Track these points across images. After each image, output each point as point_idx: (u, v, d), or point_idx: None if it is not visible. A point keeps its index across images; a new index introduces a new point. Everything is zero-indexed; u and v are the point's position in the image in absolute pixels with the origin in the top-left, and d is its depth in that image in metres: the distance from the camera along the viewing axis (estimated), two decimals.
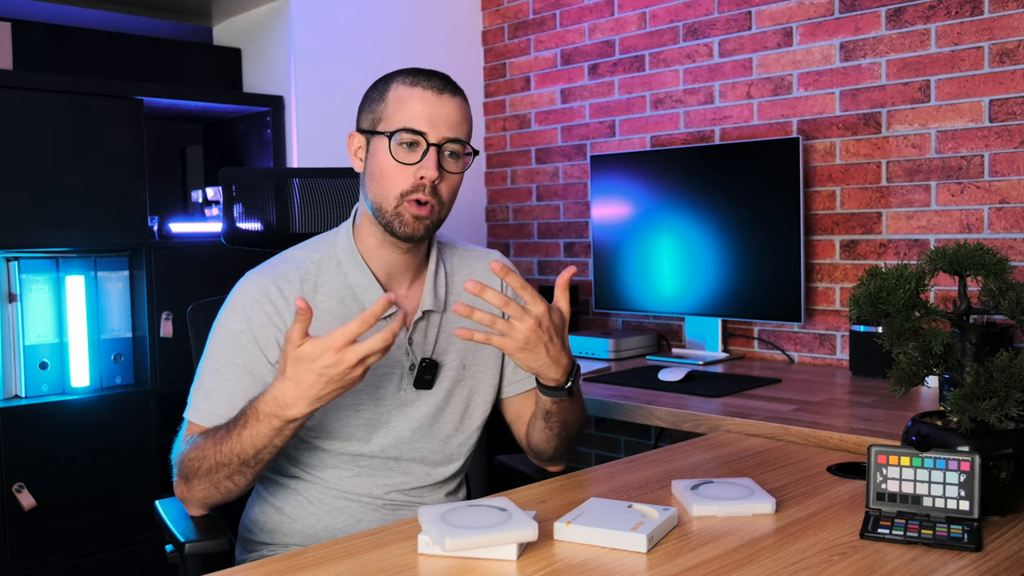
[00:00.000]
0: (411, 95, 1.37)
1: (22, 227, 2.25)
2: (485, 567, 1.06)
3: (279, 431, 1.24)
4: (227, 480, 1.30)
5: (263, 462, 1.28)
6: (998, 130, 2.11)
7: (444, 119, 1.36)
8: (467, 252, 1.58)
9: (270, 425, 1.23)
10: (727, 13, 2.58)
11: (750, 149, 2.39)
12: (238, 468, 1.28)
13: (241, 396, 1.34)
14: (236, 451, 1.26)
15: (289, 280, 1.41)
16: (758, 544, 1.12)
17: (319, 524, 1.44)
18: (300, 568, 1.09)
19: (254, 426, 1.24)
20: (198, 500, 1.35)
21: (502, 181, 3.25)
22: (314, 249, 1.47)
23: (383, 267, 1.44)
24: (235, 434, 1.26)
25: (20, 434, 2.22)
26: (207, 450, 1.29)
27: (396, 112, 1.36)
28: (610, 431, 2.90)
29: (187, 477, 1.33)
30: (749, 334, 2.59)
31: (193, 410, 1.38)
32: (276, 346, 1.37)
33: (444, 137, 1.36)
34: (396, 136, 1.35)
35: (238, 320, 1.38)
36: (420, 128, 1.35)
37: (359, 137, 1.43)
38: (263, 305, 1.38)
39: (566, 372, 1.36)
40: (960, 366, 1.24)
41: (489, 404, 1.55)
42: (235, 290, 1.42)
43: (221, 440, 1.27)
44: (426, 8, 3.10)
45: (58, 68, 2.57)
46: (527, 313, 1.27)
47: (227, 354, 1.37)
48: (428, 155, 1.35)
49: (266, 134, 2.80)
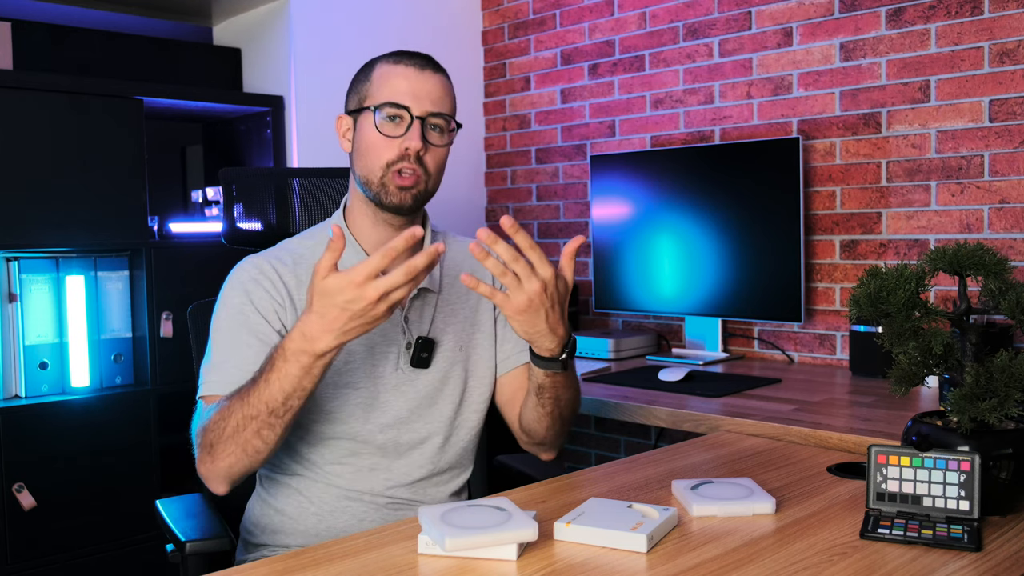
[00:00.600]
0: (394, 72, 1.41)
1: (22, 227, 2.25)
2: (485, 567, 1.06)
3: (308, 370, 1.21)
4: (255, 437, 1.25)
5: (292, 410, 1.24)
6: (998, 130, 2.11)
7: (427, 94, 1.40)
8: (460, 241, 1.62)
9: (299, 363, 1.20)
10: (727, 13, 2.58)
11: (750, 149, 2.39)
12: (266, 420, 1.23)
13: (251, 361, 1.32)
14: (265, 398, 1.22)
15: (283, 261, 1.44)
16: (758, 544, 1.12)
17: (321, 524, 1.43)
18: (300, 568, 1.09)
19: (282, 367, 1.21)
20: (223, 471, 1.29)
21: (502, 181, 3.25)
22: (307, 236, 1.51)
23: (376, 247, 1.45)
24: (262, 381, 1.23)
25: (20, 434, 2.22)
26: (232, 407, 1.25)
27: (380, 89, 1.41)
28: (610, 431, 2.90)
29: (211, 445, 1.28)
30: (749, 334, 2.59)
31: (206, 384, 1.37)
32: (277, 317, 1.40)
33: (427, 111, 1.40)
34: (380, 111, 1.39)
35: (237, 294, 1.41)
36: (403, 102, 1.39)
37: (347, 119, 1.47)
38: (260, 281, 1.41)
39: (562, 343, 1.34)
40: (960, 366, 1.24)
41: (488, 388, 1.55)
42: (232, 273, 1.45)
43: (247, 392, 1.24)
44: (426, 8, 3.10)
45: (58, 68, 2.57)
46: (534, 275, 1.25)
47: (231, 326, 1.39)
48: (412, 128, 1.39)
49: (266, 134, 2.80)
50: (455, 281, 1.54)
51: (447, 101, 1.43)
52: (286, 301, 1.41)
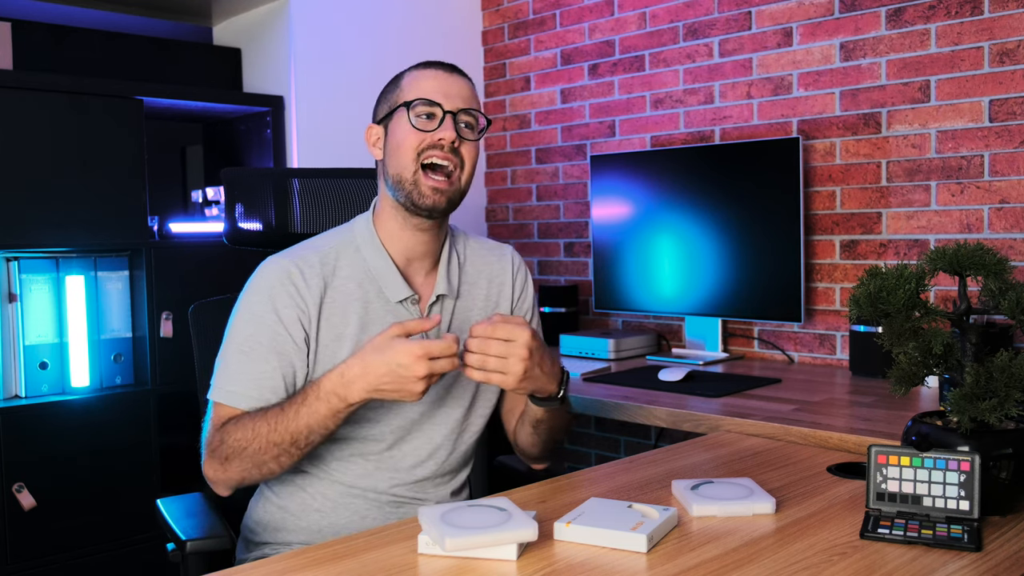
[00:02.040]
0: (424, 75, 1.44)
1: (22, 227, 2.25)
2: (485, 567, 1.06)
3: (335, 413, 1.28)
4: (273, 461, 1.31)
5: (312, 445, 1.32)
6: (998, 130, 2.11)
7: (457, 92, 1.43)
8: (480, 243, 1.61)
9: (329, 404, 1.27)
10: (727, 13, 2.58)
11: (750, 149, 2.39)
12: (287, 449, 1.30)
13: (268, 376, 1.37)
14: (291, 429, 1.29)
15: (310, 263, 1.43)
16: (758, 544, 1.12)
17: (323, 521, 1.44)
18: (300, 568, 1.09)
19: (313, 403, 1.28)
20: (232, 481, 1.36)
21: (502, 181, 3.25)
22: (332, 236, 1.50)
23: (402, 252, 1.46)
24: (292, 412, 1.29)
25: (20, 434, 2.22)
26: (258, 430, 1.30)
27: (410, 90, 1.43)
28: (610, 431, 2.90)
29: (226, 458, 1.33)
30: (749, 334, 2.59)
31: (220, 391, 1.38)
32: (300, 325, 1.39)
33: (459, 107, 1.42)
34: (414, 106, 1.41)
35: (261, 300, 1.40)
36: (435, 99, 1.41)
37: (377, 128, 1.48)
38: (285, 285, 1.40)
39: (559, 381, 1.40)
40: (960, 366, 1.24)
41: (495, 392, 1.56)
42: (257, 273, 1.44)
43: (275, 419, 1.30)
44: (426, 8, 3.10)
45: (58, 68, 2.57)
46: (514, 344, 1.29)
47: (251, 334, 1.39)
48: (445, 121, 1.40)
49: (266, 134, 2.80)
50: (472, 287, 1.55)
51: (476, 101, 1.47)
52: (311, 307, 1.40)
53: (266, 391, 1.36)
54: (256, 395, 1.36)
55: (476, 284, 1.55)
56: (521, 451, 1.58)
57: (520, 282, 1.60)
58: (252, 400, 1.36)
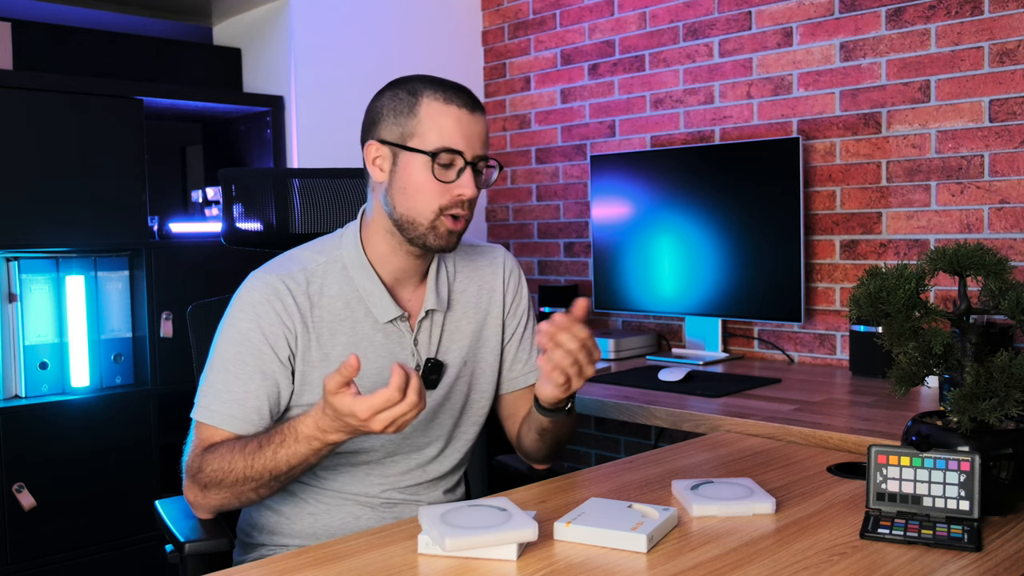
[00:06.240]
0: (446, 113, 1.36)
1: (22, 227, 2.25)
2: (485, 567, 1.06)
3: (317, 452, 1.26)
4: (252, 492, 1.30)
5: (293, 477, 1.30)
6: (998, 130, 2.11)
7: (477, 137, 1.38)
8: (470, 249, 1.58)
9: (310, 446, 1.25)
10: (727, 13, 2.58)
11: (750, 149, 2.39)
12: (267, 482, 1.29)
13: (253, 396, 1.35)
14: (269, 467, 1.26)
15: (296, 280, 1.40)
16: (758, 544, 1.12)
17: (317, 523, 1.44)
18: (300, 568, 1.09)
19: (291, 446, 1.25)
20: (212, 507, 1.35)
21: (502, 181, 3.25)
22: (319, 251, 1.45)
23: (391, 272, 1.44)
24: (270, 451, 1.26)
25: (20, 434, 2.22)
26: (235, 463, 1.28)
27: (431, 130, 1.35)
28: (610, 431, 2.90)
29: (205, 486, 1.31)
30: (749, 334, 2.59)
31: (203, 410, 1.36)
32: (286, 344, 1.37)
33: (477, 155, 1.38)
34: (437, 156, 1.35)
35: (247, 318, 1.37)
36: (458, 148, 1.35)
37: (382, 147, 1.39)
38: (272, 303, 1.37)
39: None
40: (960, 366, 1.24)
41: (488, 401, 1.56)
42: (242, 289, 1.41)
43: (253, 456, 1.27)
44: (426, 8, 3.10)
45: (58, 68, 2.57)
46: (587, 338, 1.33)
47: (237, 353, 1.36)
48: (465, 174, 1.36)
49: (266, 134, 2.80)
50: (462, 297, 1.52)
51: (488, 142, 1.43)
52: (297, 325, 1.38)
53: (250, 411, 1.34)
54: (240, 415, 1.34)
55: (466, 292, 1.53)
56: (524, 454, 1.57)
57: (513, 286, 1.58)
58: (236, 420, 1.34)
